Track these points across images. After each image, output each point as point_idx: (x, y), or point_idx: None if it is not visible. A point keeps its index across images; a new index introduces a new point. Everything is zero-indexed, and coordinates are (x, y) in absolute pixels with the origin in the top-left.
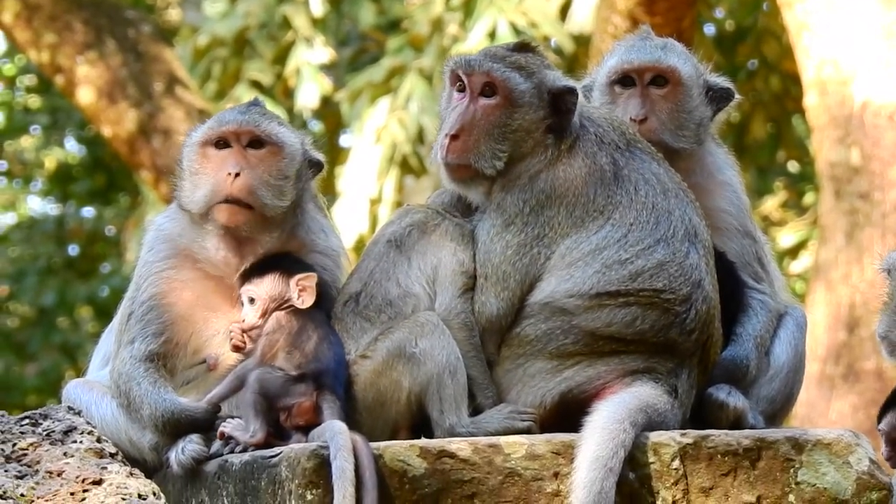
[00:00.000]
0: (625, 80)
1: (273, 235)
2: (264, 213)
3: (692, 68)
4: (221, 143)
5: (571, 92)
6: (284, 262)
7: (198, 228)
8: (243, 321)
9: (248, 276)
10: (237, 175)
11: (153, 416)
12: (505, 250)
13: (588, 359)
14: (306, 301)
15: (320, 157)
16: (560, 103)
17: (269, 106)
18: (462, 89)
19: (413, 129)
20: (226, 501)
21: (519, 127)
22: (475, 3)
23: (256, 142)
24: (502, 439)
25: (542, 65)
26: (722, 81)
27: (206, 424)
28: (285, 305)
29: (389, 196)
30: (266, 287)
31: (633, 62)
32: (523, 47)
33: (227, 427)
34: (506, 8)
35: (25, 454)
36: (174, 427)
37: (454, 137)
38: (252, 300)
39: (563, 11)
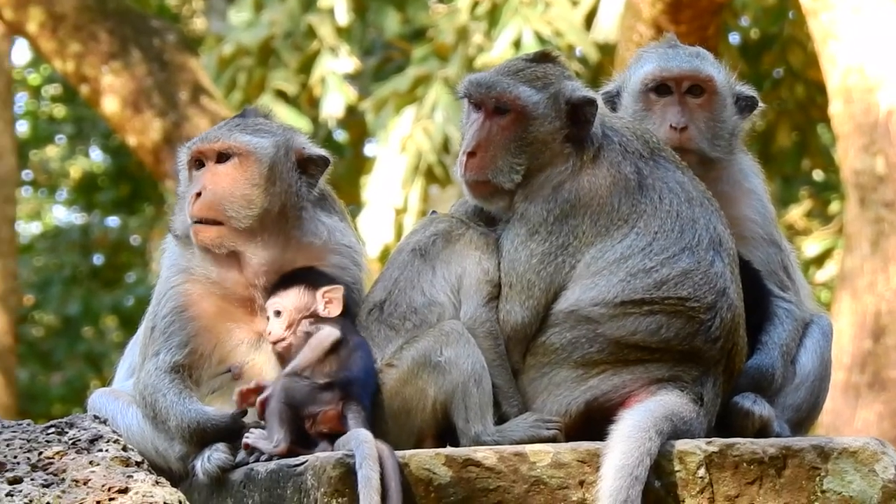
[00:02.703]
0: (661, 88)
1: (258, 243)
2: (233, 225)
3: (724, 77)
4: (198, 163)
5: (591, 103)
6: (310, 276)
7: (191, 252)
8: (269, 333)
9: (274, 289)
10: (198, 195)
11: (179, 426)
12: (529, 259)
13: (613, 367)
14: (332, 312)
15: (318, 152)
16: (579, 114)
17: (293, 116)
18: (478, 107)
19: (438, 139)
20: None
21: (535, 139)
22: (500, 12)
23: (223, 155)
24: (528, 448)
25: (562, 75)
26: (747, 90)
27: (231, 433)
28: (311, 317)
29: (415, 205)
30: (292, 299)
31: (671, 70)
32: (543, 58)
33: (249, 438)
34: (531, 17)
35: (52, 463)
36: (201, 436)
37: (471, 155)
38: (278, 313)
39: (588, 20)
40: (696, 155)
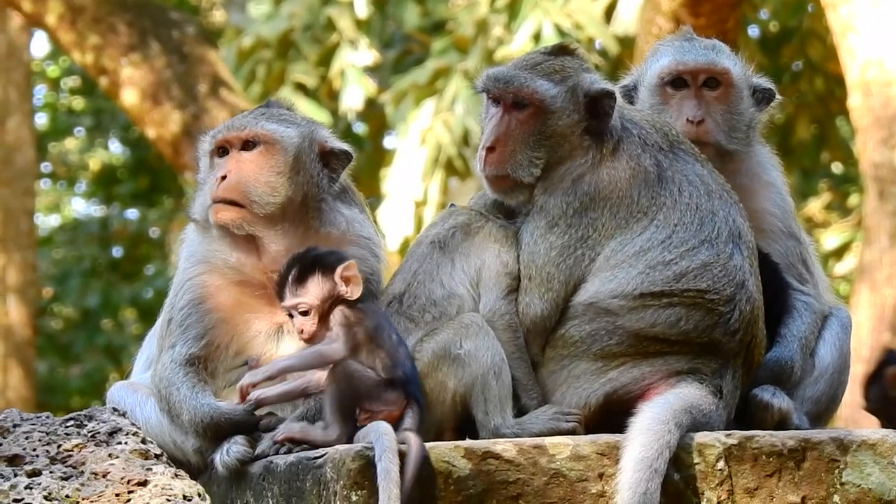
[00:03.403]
0: (677, 81)
1: (278, 231)
2: (255, 211)
3: (741, 70)
4: (221, 150)
5: (609, 95)
6: (318, 259)
7: (210, 237)
8: (301, 331)
9: (283, 285)
10: (223, 178)
11: (193, 421)
12: (549, 251)
13: (633, 360)
14: (355, 292)
15: (340, 146)
16: (597, 106)
17: (312, 108)
18: (497, 101)
19: (458, 131)
20: (271, 503)
21: (553, 133)
22: (520, 4)
23: (249, 143)
24: (547, 440)
25: (580, 68)
26: (764, 82)
27: (247, 426)
28: (337, 302)
29: (434, 198)
30: (313, 292)
31: (687, 63)
32: (561, 50)
33: (292, 431)
34: (551, 10)
35: (71, 455)
36: (214, 431)
37: (490, 150)
38: (305, 312)
39: (608, 13)
40: (714, 148)
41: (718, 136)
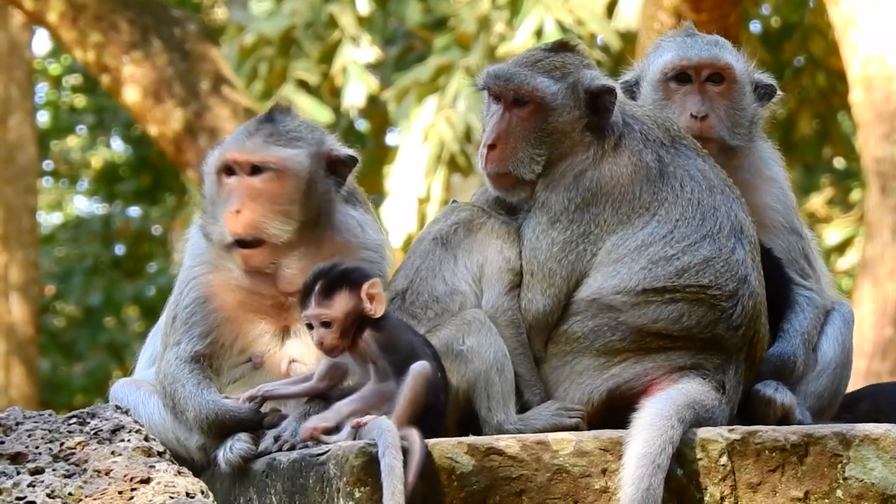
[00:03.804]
0: (680, 76)
1: (296, 254)
2: (274, 242)
3: (743, 65)
4: (229, 170)
5: (610, 91)
6: (346, 275)
7: (225, 252)
8: (321, 343)
9: (308, 295)
10: (238, 212)
11: (198, 417)
12: (551, 247)
13: (635, 355)
14: (378, 310)
15: (346, 152)
16: (598, 102)
17: (314, 106)
18: (497, 99)
19: (461, 128)
20: (274, 500)
21: (555, 129)
22: (521, 1)
23: (257, 168)
24: (550, 436)
25: (580, 64)
26: (766, 78)
27: (251, 424)
28: (359, 318)
29: (437, 195)
30: (338, 305)
31: (691, 59)
32: (561, 47)
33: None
34: (552, 6)
35: (73, 453)
36: (219, 428)
37: (492, 147)
38: (327, 324)
39: (610, 9)
40: (717, 143)
41: (722, 132)
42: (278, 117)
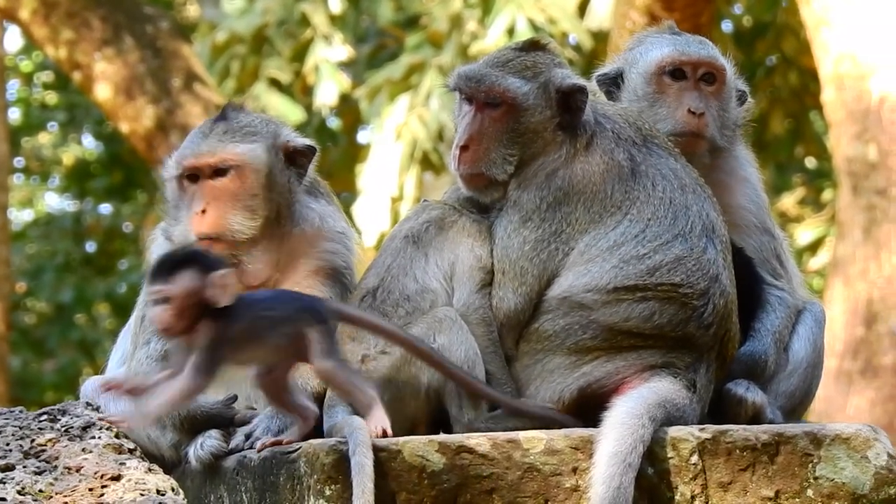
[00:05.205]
0: (676, 72)
1: (259, 248)
2: (238, 238)
3: (731, 68)
4: (190, 175)
5: (581, 90)
6: (196, 257)
7: None
8: (157, 322)
9: (158, 272)
10: (202, 212)
11: (171, 414)
12: (522, 246)
13: (606, 354)
14: (221, 299)
15: (304, 142)
16: (570, 101)
17: (286, 104)
18: (469, 100)
19: (433, 126)
20: (244, 497)
21: (526, 129)
22: None
23: (218, 170)
24: (521, 434)
25: (552, 63)
26: (741, 83)
27: (223, 420)
28: (200, 302)
29: (410, 193)
30: (179, 283)
31: (690, 55)
32: (532, 46)
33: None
34: (524, 4)
35: (44, 450)
36: (191, 424)
37: (464, 149)
38: (166, 299)
39: (582, 8)
40: (708, 142)
41: (714, 131)
42: (231, 115)
